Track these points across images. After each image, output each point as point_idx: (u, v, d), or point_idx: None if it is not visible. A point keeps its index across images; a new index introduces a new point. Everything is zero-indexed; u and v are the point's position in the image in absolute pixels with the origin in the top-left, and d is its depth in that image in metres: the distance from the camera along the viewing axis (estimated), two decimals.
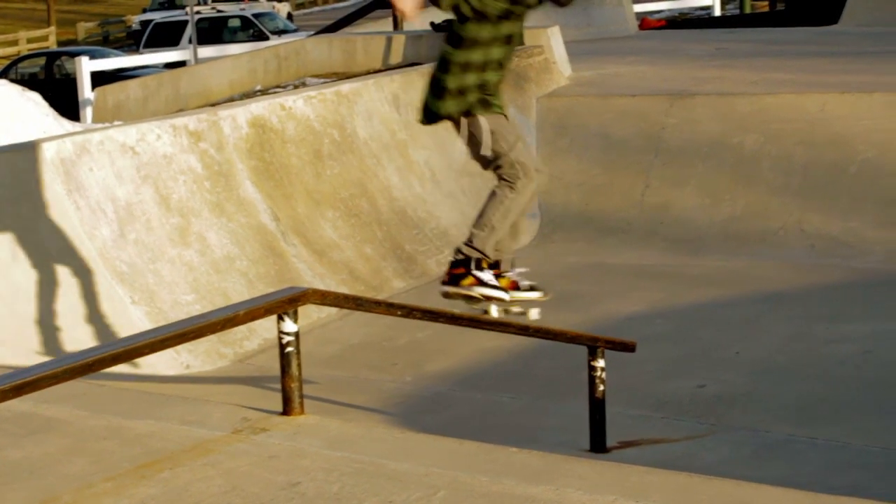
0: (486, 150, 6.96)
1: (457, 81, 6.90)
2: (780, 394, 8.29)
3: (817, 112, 12.98)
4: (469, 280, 7.07)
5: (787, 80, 14.68)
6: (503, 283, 7.14)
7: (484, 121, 6.93)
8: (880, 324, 9.49)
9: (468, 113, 6.95)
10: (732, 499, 4.71)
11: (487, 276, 7.08)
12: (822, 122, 12.82)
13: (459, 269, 7.08)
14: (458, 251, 7.11)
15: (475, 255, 7.05)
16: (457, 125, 7.04)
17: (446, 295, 7.16)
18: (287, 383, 5.61)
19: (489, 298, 7.11)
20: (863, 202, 11.98)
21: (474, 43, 6.90)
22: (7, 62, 35.98)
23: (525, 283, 7.27)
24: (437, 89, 7.00)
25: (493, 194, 7.05)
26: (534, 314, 7.38)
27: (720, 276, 11.16)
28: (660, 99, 13.87)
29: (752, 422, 7.81)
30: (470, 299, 7.12)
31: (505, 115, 7.02)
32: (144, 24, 40.61)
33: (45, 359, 4.98)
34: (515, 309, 7.28)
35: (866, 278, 10.83)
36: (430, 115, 7.13)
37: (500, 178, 7.00)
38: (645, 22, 29.86)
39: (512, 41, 7.03)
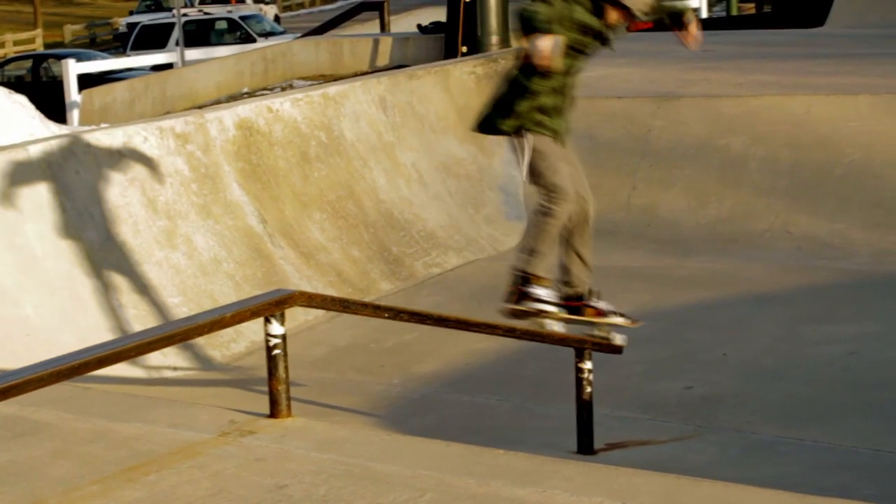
0: (524, 169, 7.14)
1: (517, 101, 7.08)
2: (768, 395, 8.30)
3: (804, 114, 13.00)
4: (525, 297, 7.31)
5: (773, 82, 14.69)
6: (589, 312, 7.42)
7: (530, 141, 7.09)
8: (867, 325, 9.51)
9: (519, 131, 7.13)
10: (719, 500, 4.71)
11: (542, 292, 7.29)
12: (808, 124, 12.83)
13: (516, 288, 7.33)
14: (513, 273, 7.34)
15: (527, 276, 7.28)
16: (510, 140, 7.24)
17: (508, 313, 7.38)
18: (274, 386, 5.60)
19: (540, 312, 7.30)
20: (849, 204, 12.00)
21: (537, 68, 6.94)
22: None
23: (611, 309, 7.52)
24: (499, 105, 7.21)
25: (533, 218, 7.23)
26: (618, 339, 7.58)
27: (707, 277, 11.17)
28: (646, 101, 13.89)
29: (740, 423, 7.82)
30: (528, 315, 7.33)
31: (556, 139, 7.17)
32: (131, 26, 40.53)
33: (31, 362, 4.96)
34: (599, 332, 7.53)
35: (853, 280, 10.85)
36: (485, 126, 7.37)
37: (540, 200, 7.15)
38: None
39: (574, 70, 7.22)
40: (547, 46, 6.58)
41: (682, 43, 7.73)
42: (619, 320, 7.50)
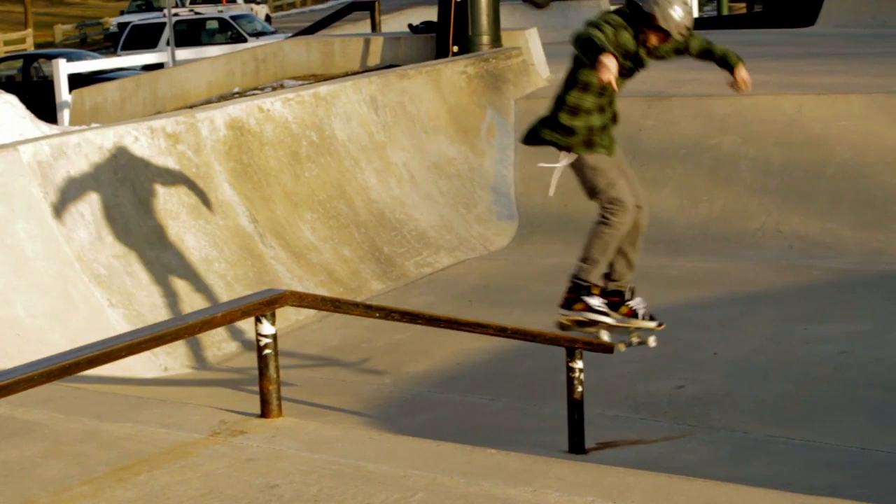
0: (586, 186, 7.69)
1: (567, 120, 7.56)
2: (759, 394, 8.30)
3: (795, 113, 13.01)
4: (579, 305, 7.71)
5: (764, 82, 14.68)
6: (623, 310, 7.78)
7: (586, 160, 7.60)
8: (858, 324, 9.53)
9: (569, 149, 7.64)
10: (710, 499, 4.71)
11: (596, 301, 7.71)
12: (799, 124, 12.85)
13: (572, 295, 7.73)
14: (570, 280, 7.74)
15: (583, 284, 7.72)
16: (559, 151, 7.73)
17: (561, 326, 7.77)
18: (265, 386, 5.59)
19: (596, 323, 7.71)
20: (840, 203, 12.02)
21: (587, 87, 7.48)
22: None
23: (643, 311, 7.85)
24: (549, 120, 7.69)
25: (593, 228, 7.67)
26: (651, 342, 7.89)
27: (698, 276, 11.18)
28: (637, 100, 13.88)
29: (731, 422, 7.83)
30: (581, 324, 7.72)
31: (609, 154, 7.66)
32: (122, 26, 40.49)
33: (22, 362, 4.95)
34: (634, 339, 7.93)
35: (844, 279, 10.86)
36: (533, 138, 7.89)
37: (600, 212, 7.63)
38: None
39: (618, 93, 7.54)
40: (613, 65, 6.86)
41: (731, 86, 8.17)
42: (648, 324, 7.85)
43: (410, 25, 17.58)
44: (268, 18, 49.81)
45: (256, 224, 10.50)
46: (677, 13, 7.41)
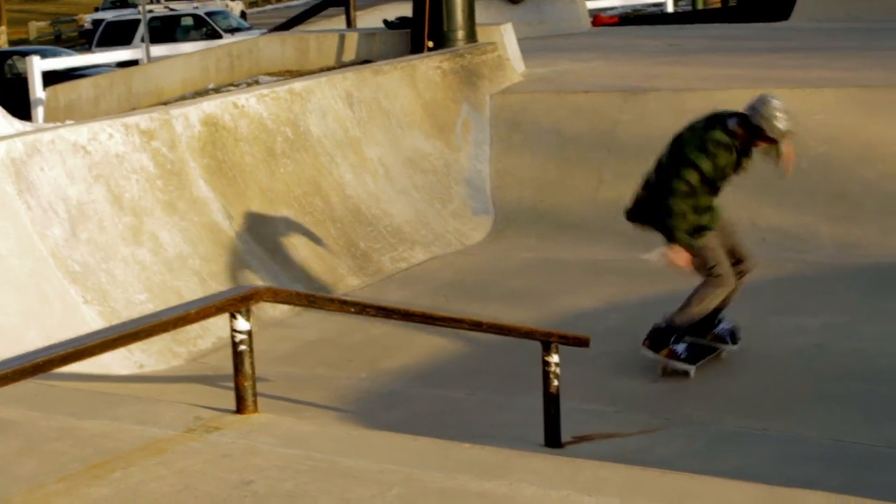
0: (696, 262, 8.44)
1: (686, 217, 8.33)
2: (734, 387, 8.33)
3: None
4: (665, 351, 8.55)
5: (739, 76, 14.74)
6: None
7: (695, 244, 8.35)
8: (832, 317, 9.56)
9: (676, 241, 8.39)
10: (686, 492, 4.72)
11: (677, 347, 8.57)
12: None
13: (656, 334, 8.60)
14: (662, 322, 8.59)
15: (670, 327, 8.57)
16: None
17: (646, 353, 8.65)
18: (240, 382, 5.59)
19: (675, 370, 8.53)
20: (814, 196, 12.05)
21: (693, 195, 8.33)
22: None
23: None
24: (662, 217, 8.43)
25: (700, 286, 8.54)
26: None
27: (673, 271, 11.17)
28: (613, 95, 13.91)
29: (706, 415, 7.85)
30: (662, 364, 8.60)
31: (715, 227, 8.53)
32: (96, 22, 40.31)
33: None
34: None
35: (818, 272, 10.90)
36: (634, 218, 8.81)
37: (707, 279, 8.48)
38: (598, 18, 29.92)
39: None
40: (682, 257, 8.32)
41: (776, 165, 8.65)
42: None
43: (385, 21, 17.56)
44: (243, 15, 49.71)
45: (232, 220, 10.48)
46: (783, 124, 8.20)
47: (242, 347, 5.54)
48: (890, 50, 16.73)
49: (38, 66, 20.39)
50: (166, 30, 32.23)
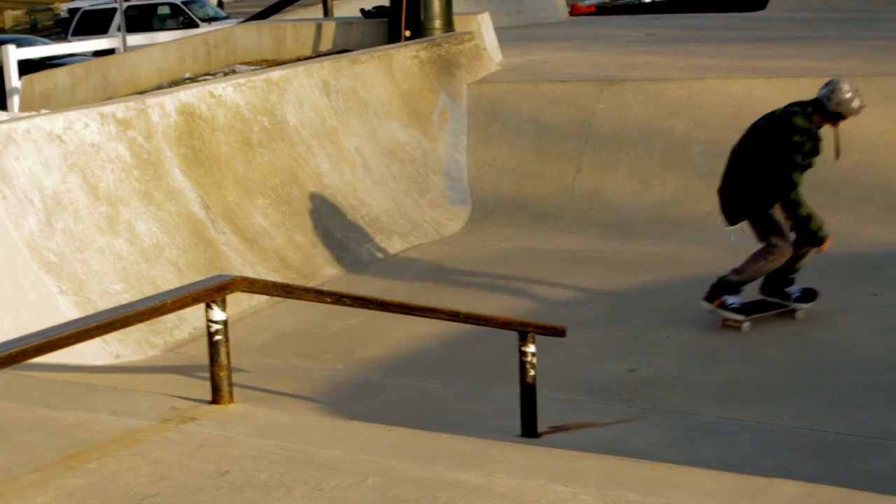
0: (760, 232, 9.17)
1: (806, 211, 9.06)
2: (710, 376, 8.35)
3: (745, 97, 13.07)
4: (717, 302, 9.26)
5: (715, 66, 14.77)
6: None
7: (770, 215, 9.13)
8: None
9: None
10: (662, 481, 4.72)
11: (731, 300, 9.24)
12: (749, 107, 12.88)
13: (716, 289, 9.27)
14: (718, 280, 9.30)
15: (727, 283, 9.27)
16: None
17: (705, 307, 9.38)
18: (216, 372, 5.57)
19: (727, 320, 9.23)
20: None
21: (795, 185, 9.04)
22: None
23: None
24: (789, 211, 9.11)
25: (759, 252, 9.22)
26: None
27: (651, 260, 11.22)
28: (590, 85, 13.92)
29: (683, 405, 7.86)
30: (716, 315, 9.30)
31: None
32: (73, 11, 40.12)
33: None
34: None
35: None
36: (734, 220, 9.37)
37: (766, 247, 9.16)
38: (575, 8, 29.94)
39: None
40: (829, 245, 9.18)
41: (835, 145, 9.22)
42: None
43: (363, 10, 17.53)
44: (220, 3, 49.51)
45: (208, 210, 10.45)
46: (857, 103, 8.91)
47: (218, 338, 5.53)
48: (866, 40, 16.79)
49: (13, 55, 20.29)
50: (143, 19, 32.11)
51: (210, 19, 32.35)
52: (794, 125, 8.91)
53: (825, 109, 8.89)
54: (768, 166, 8.97)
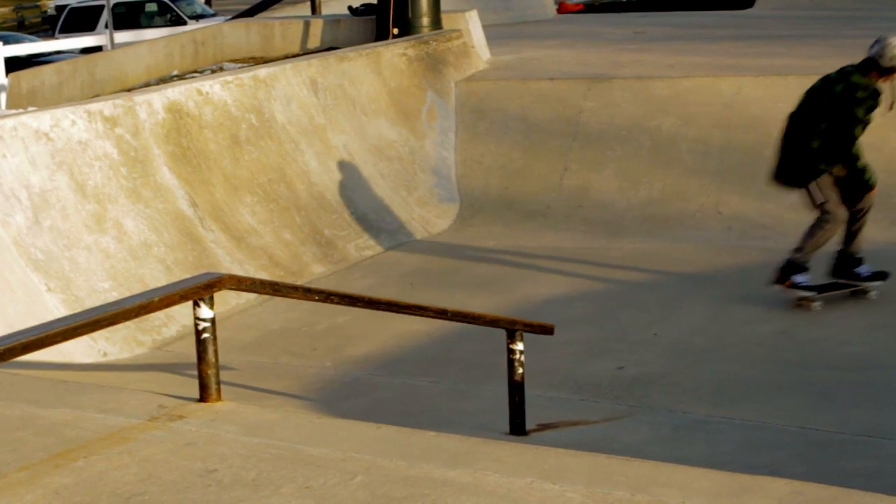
0: (814, 199, 9.49)
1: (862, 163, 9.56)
2: (699, 374, 8.35)
3: (733, 95, 13.08)
4: (787, 283, 9.60)
5: (703, 64, 14.77)
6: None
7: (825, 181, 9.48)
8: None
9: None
10: (651, 479, 4.72)
11: (801, 279, 9.58)
12: (738, 105, 12.92)
13: (783, 274, 9.63)
14: (785, 262, 9.65)
15: (791, 262, 9.62)
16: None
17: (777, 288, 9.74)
18: (203, 370, 5.56)
19: (801, 299, 9.58)
20: None
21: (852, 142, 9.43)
22: None
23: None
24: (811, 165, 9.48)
25: (813, 224, 9.58)
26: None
27: (639, 258, 11.22)
28: (578, 83, 13.91)
29: (671, 402, 7.86)
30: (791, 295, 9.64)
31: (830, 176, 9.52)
32: (60, 8, 40.01)
33: None
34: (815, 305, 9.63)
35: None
36: (784, 181, 9.73)
37: (820, 217, 9.50)
38: (563, 6, 29.93)
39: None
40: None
41: (891, 97, 9.58)
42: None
43: (350, 8, 17.50)
44: (207, 1, 49.48)
45: (196, 208, 10.43)
46: None
47: (206, 335, 5.52)
48: (854, 38, 16.78)
49: (0, 52, 20.25)
50: (130, 16, 32.04)
51: (198, 16, 32.29)
52: (855, 83, 9.26)
53: (879, 66, 9.26)
54: (830, 125, 9.32)
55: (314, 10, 20.33)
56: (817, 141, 9.37)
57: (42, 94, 17.91)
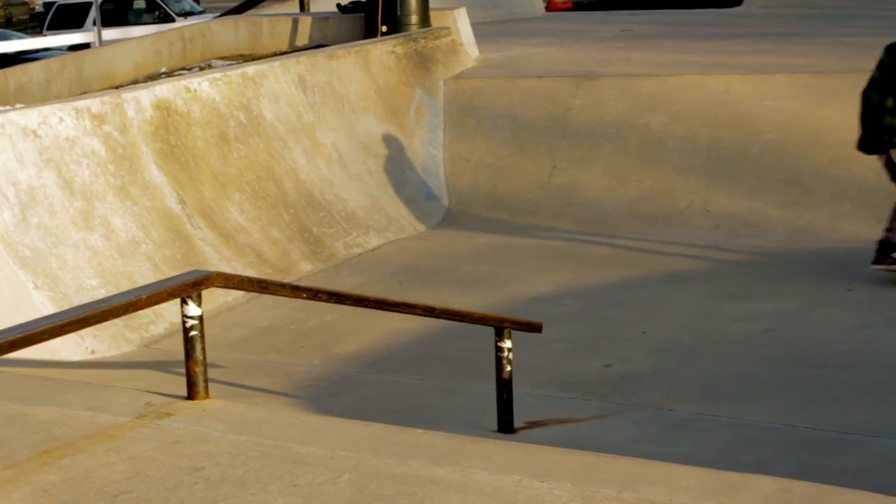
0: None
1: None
2: (686, 372, 8.36)
3: (721, 93, 13.10)
4: (888, 261, 9.94)
5: (691, 62, 14.79)
6: (888, 261, 9.96)
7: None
8: (784, 302, 9.62)
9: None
10: (638, 477, 4.72)
11: None
12: (725, 103, 12.94)
13: (880, 254, 9.94)
14: (879, 243, 9.98)
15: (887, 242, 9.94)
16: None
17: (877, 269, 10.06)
18: (191, 367, 5.55)
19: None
20: (766, 182, 12.12)
21: None
22: None
23: None
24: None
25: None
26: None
27: (627, 256, 11.23)
28: (566, 80, 13.93)
29: (659, 400, 7.87)
30: (890, 272, 9.99)
31: None
32: (48, 5, 39.95)
33: None
34: None
35: (770, 257, 10.96)
36: (868, 148, 10.01)
37: None
38: (551, 4, 29.93)
39: None
40: None
41: None
42: None
43: (339, 5, 17.50)
44: None
45: (184, 205, 10.42)
46: None
47: (194, 333, 5.51)
48: (841, 36, 16.83)
49: None
50: (118, 13, 31.99)
51: (186, 14, 32.26)
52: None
53: None
54: None
55: (303, 7, 20.31)
56: (891, 100, 9.61)
57: (30, 90, 17.88)
